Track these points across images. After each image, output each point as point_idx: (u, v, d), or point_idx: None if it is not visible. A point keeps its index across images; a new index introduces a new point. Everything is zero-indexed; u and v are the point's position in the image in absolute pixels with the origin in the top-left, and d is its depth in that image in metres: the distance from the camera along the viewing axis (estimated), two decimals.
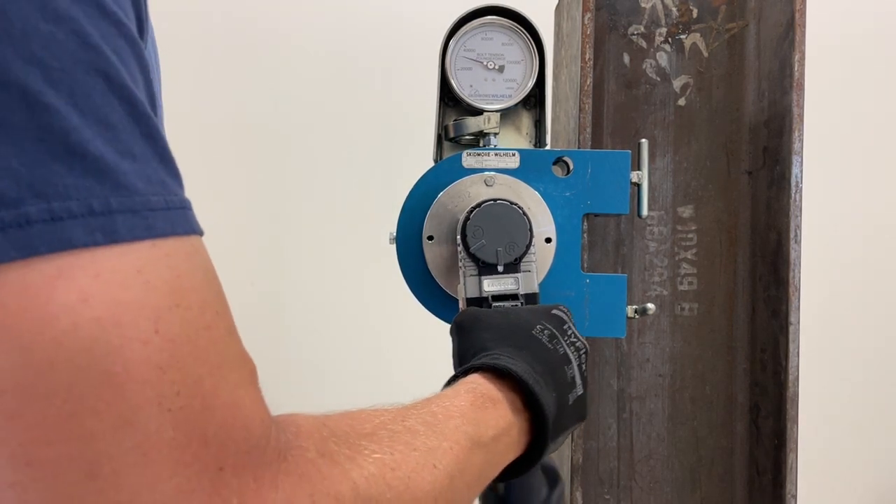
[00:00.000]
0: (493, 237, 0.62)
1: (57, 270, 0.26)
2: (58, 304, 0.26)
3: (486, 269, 0.62)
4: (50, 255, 0.26)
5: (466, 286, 0.62)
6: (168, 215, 0.30)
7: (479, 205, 0.62)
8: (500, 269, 0.62)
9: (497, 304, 0.62)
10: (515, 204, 0.63)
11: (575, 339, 0.57)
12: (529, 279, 0.63)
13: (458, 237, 0.63)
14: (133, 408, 0.27)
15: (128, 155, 0.29)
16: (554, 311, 0.58)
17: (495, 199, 0.63)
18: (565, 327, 0.57)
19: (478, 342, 0.54)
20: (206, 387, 0.29)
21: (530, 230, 0.62)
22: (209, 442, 0.28)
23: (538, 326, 0.55)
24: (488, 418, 0.46)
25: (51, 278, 0.26)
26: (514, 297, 0.62)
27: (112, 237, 0.27)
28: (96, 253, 0.27)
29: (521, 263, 0.62)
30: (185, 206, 0.31)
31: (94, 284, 0.27)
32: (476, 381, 0.49)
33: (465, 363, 0.53)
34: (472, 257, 0.62)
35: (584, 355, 0.57)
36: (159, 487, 0.27)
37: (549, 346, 0.54)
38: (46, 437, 0.26)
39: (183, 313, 0.29)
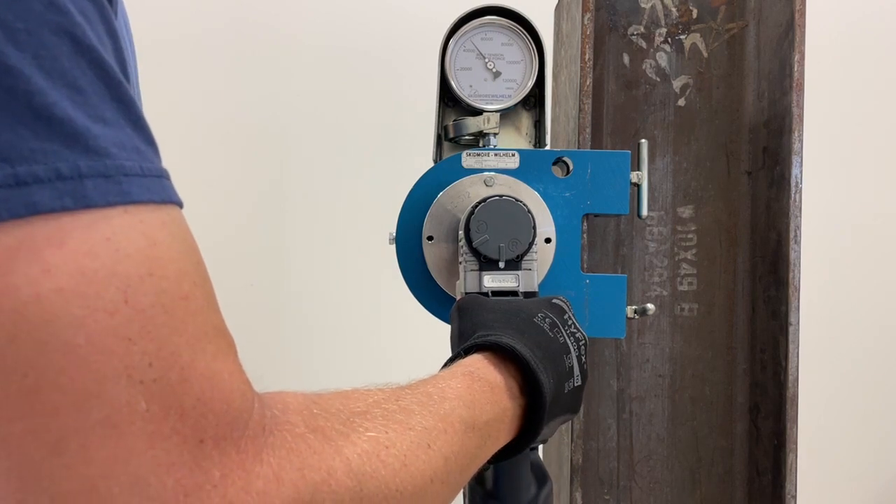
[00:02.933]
0: (496, 233, 0.61)
1: (18, 240, 0.25)
2: (19, 275, 0.25)
3: (486, 264, 0.62)
4: (13, 222, 0.25)
5: (466, 281, 0.62)
6: (143, 182, 0.28)
7: (484, 200, 0.62)
8: (502, 265, 0.61)
9: (498, 298, 0.61)
10: (520, 201, 0.62)
11: (575, 330, 0.56)
12: (530, 277, 0.62)
13: (461, 231, 0.63)
14: (98, 380, 0.26)
15: (98, 119, 0.27)
16: (555, 301, 0.58)
17: (501, 196, 0.63)
18: (565, 317, 0.56)
19: (480, 320, 0.53)
20: (182, 358, 0.28)
21: (534, 228, 0.62)
22: (187, 414, 0.27)
23: (539, 314, 0.54)
24: (484, 402, 0.45)
25: (11, 248, 0.25)
26: (513, 294, 0.62)
27: (82, 202, 0.26)
28: (63, 220, 0.26)
29: (523, 261, 0.62)
30: (161, 175, 0.30)
31: (59, 253, 0.25)
32: (475, 363, 0.48)
33: (465, 341, 0.52)
34: (474, 252, 0.62)
35: (583, 346, 0.56)
36: (134, 461, 0.26)
37: (550, 333, 0.53)
38: (8, 413, 0.25)
39: (157, 283, 0.27)
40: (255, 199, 1.29)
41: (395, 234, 0.68)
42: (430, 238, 0.67)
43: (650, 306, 0.71)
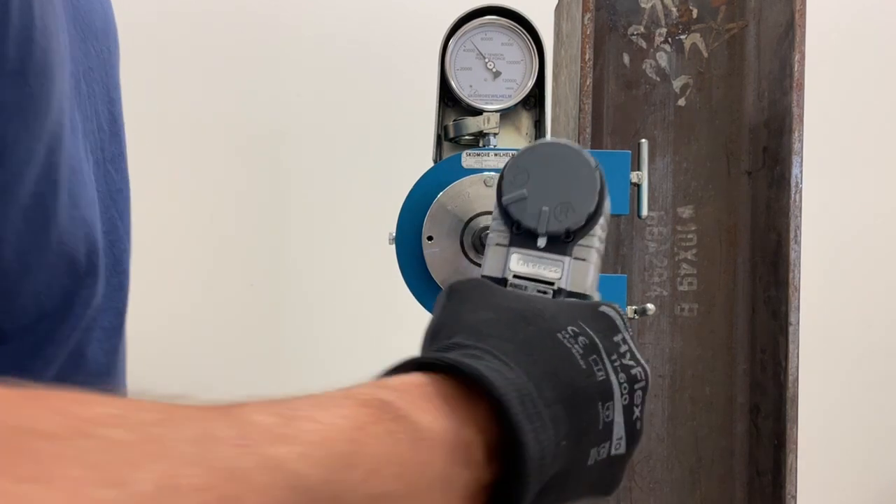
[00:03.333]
0: (541, 191, 0.41)
1: None
2: None
3: (520, 238, 0.42)
4: None
5: (487, 259, 0.42)
6: None
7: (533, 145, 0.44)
8: (541, 243, 0.41)
9: (518, 281, 0.41)
10: (586, 152, 0.43)
11: (631, 362, 0.36)
12: (583, 272, 0.41)
13: (496, 186, 0.46)
14: None
15: None
16: (603, 309, 0.38)
17: (558, 140, 0.44)
18: (617, 339, 0.36)
19: (468, 319, 0.35)
20: None
21: (600, 194, 0.42)
22: None
23: (570, 328, 0.34)
24: (384, 459, 0.25)
25: None
26: (549, 288, 0.41)
27: None
28: None
29: (576, 245, 0.42)
30: None
31: None
32: (403, 389, 0.29)
33: (437, 343, 0.34)
34: (505, 215, 0.42)
35: (640, 391, 0.36)
36: None
37: (581, 363, 0.33)
38: None
39: None
40: (255, 198, 1.29)
41: (394, 235, 0.68)
42: (430, 238, 0.67)
43: (650, 306, 0.71)
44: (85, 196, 0.37)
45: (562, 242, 0.41)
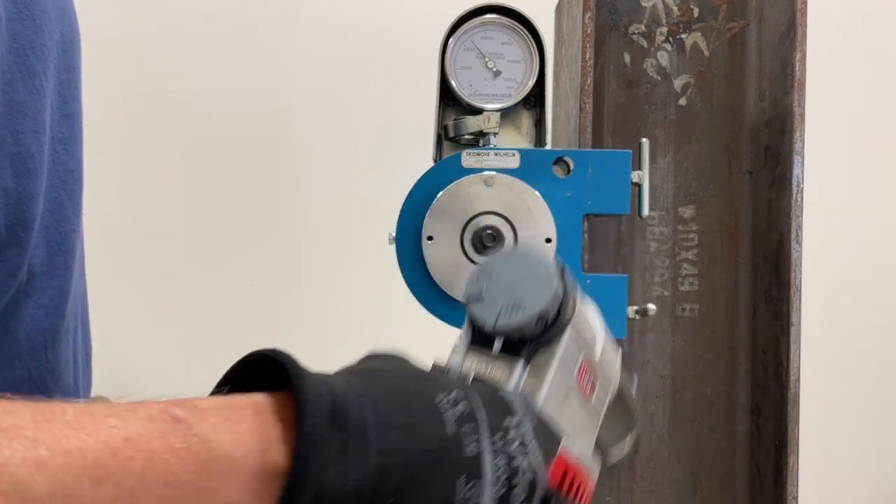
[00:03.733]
0: (498, 291, 0.40)
1: None
2: None
3: (480, 339, 0.40)
4: None
5: (448, 359, 0.41)
6: None
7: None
8: (496, 347, 0.39)
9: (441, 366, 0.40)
10: (550, 262, 0.41)
11: (517, 452, 0.32)
12: (532, 387, 0.38)
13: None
14: None
15: None
16: (503, 394, 0.35)
17: (526, 250, 0.43)
18: (508, 423, 0.33)
19: (358, 366, 0.37)
20: None
21: (562, 299, 0.39)
22: None
23: (455, 394, 0.32)
24: (145, 479, 0.23)
25: None
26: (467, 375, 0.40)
27: None
28: None
29: (537, 354, 0.39)
30: None
31: None
32: (210, 408, 0.27)
33: None
34: (470, 314, 0.41)
35: (527, 487, 0.32)
36: None
37: (450, 428, 0.30)
38: None
39: None
40: (256, 198, 1.28)
41: (394, 235, 0.68)
42: (430, 238, 0.67)
43: (651, 306, 0.71)
44: (10, 167, 0.37)
45: (516, 346, 0.39)
